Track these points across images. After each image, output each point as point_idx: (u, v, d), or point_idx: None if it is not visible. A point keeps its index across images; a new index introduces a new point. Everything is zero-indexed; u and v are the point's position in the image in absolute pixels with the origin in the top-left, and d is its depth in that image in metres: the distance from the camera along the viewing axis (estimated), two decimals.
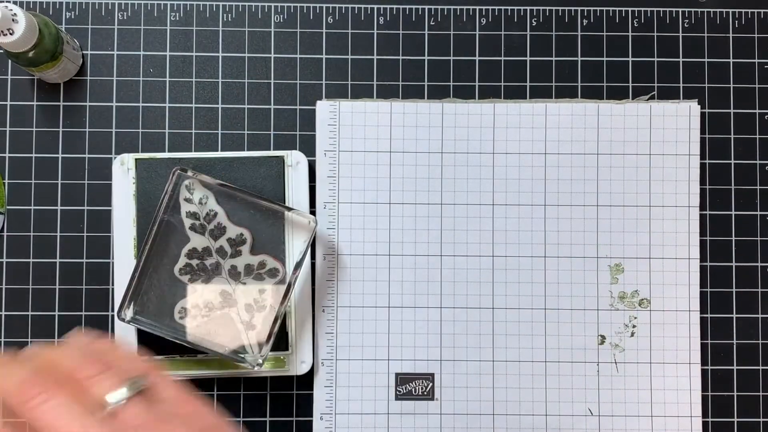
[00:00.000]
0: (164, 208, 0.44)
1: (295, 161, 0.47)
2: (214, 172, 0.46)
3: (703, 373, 0.49)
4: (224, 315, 0.44)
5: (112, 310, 0.48)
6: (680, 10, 0.50)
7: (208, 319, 0.44)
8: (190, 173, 0.44)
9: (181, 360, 0.46)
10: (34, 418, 0.31)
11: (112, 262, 0.48)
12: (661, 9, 0.50)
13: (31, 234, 0.48)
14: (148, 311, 0.44)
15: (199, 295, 0.44)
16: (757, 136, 0.50)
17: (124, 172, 0.47)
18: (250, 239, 0.45)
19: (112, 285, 0.48)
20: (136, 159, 0.46)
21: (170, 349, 0.46)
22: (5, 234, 0.48)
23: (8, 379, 0.32)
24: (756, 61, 0.50)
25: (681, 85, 0.50)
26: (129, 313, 0.44)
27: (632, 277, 0.48)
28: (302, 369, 0.47)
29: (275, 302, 0.45)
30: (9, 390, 0.32)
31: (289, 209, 0.45)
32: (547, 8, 0.50)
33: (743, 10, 0.50)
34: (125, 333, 0.46)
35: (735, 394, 0.49)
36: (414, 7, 0.50)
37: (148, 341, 0.46)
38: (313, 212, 0.48)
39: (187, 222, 0.45)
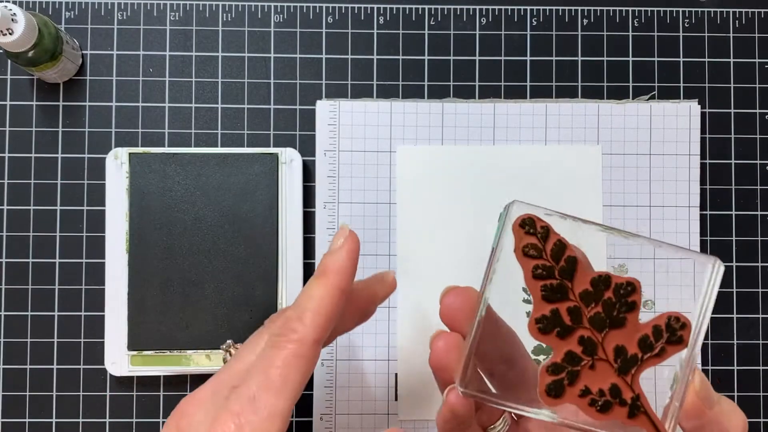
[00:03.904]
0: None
1: (289, 158, 0.47)
2: (209, 167, 0.46)
3: (704, 373, 0.49)
4: None
5: None
6: (680, 10, 0.50)
7: None
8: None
9: (170, 356, 0.46)
10: None
11: (106, 260, 0.48)
12: (661, 9, 0.50)
13: (31, 234, 0.48)
14: None
15: None
16: (757, 136, 0.50)
17: (117, 166, 0.46)
18: None
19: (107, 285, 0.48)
20: (129, 153, 0.46)
21: (160, 344, 0.45)
22: (5, 234, 0.48)
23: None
24: (756, 61, 0.50)
25: (681, 85, 0.50)
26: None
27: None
28: None
29: None
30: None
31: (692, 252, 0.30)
32: (547, 8, 0.50)
33: (743, 10, 0.50)
34: (116, 327, 0.46)
35: (735, 394, 0.49)
36: (414, 7, 0.50)
37: (138, 332, 0.46)
38: (313, 212, 0.48)
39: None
